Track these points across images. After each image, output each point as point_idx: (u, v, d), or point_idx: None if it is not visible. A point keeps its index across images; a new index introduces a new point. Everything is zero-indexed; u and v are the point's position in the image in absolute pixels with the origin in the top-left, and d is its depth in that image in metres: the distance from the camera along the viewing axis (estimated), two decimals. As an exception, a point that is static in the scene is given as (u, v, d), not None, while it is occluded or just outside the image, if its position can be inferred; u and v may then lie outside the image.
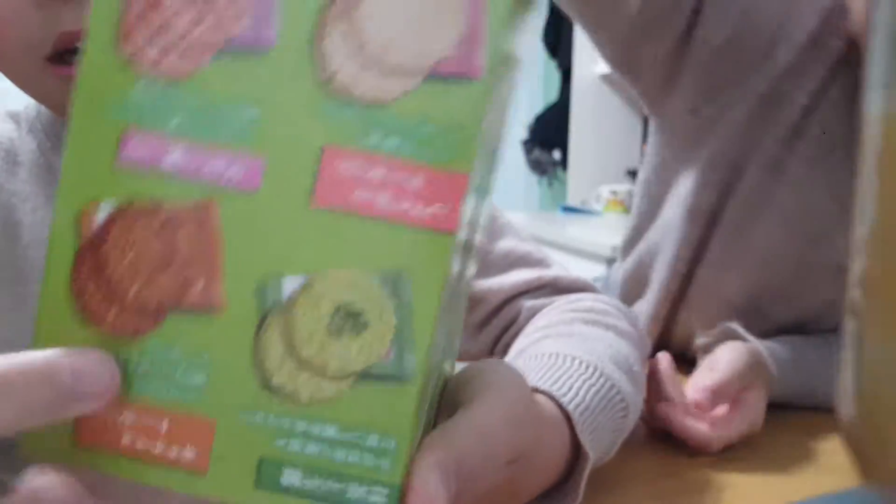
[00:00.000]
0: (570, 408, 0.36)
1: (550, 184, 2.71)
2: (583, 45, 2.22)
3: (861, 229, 0.15)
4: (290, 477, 0.20)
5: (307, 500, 0.20)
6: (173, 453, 0.20)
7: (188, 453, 0.20)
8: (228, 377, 0.20)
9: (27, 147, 0.57)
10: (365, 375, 0.20)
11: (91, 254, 0.20)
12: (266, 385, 0.20)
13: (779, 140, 0.60)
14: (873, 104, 0.15)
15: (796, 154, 0.60)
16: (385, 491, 0.20)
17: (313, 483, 0.20)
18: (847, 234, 0.58)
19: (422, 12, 0.19)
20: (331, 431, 0.20)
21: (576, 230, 1.90)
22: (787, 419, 0.58)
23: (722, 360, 0.55)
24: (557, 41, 2.51)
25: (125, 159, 0.20)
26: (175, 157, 0.20)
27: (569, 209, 2.32)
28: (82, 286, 0.20)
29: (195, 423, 0.20)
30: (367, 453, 0.20)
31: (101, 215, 0.20)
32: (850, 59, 0.56)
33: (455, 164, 0.19)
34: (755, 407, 0.55)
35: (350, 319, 0.20)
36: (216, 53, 0.20)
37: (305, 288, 0.20)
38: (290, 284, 0.20)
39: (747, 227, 0.63)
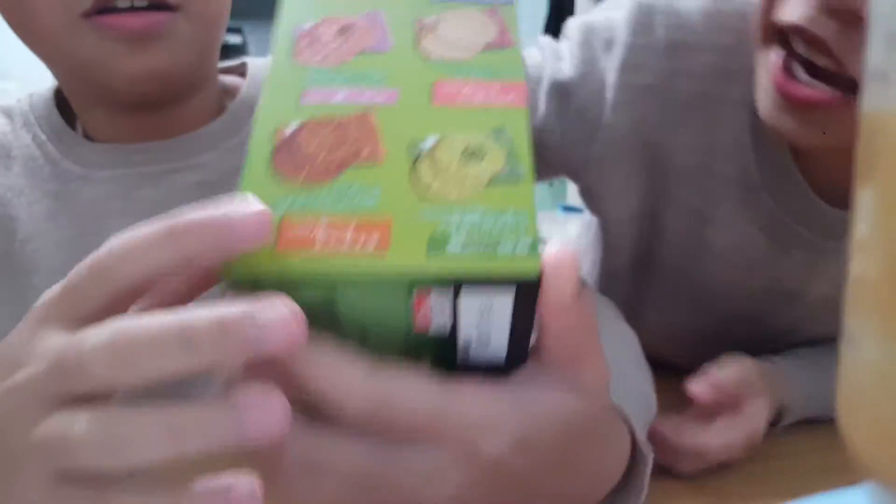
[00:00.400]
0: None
1: (551, 184, 2.72)
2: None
3: (861, 229, 0.15)
4: (454, 245, 0.26)
5: (470, 260, 0.26)
6: (359, 245, 0.26)
7: (371, 243, 0.26)
8: (395, 196, 0.27)
9: (21, 142, 0.57)
10: (492, 181, 0.28)
11: (285, 148, 0.29)
12: (424, 195, 0.28)
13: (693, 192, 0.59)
14: (871, 101, 0.15)
15: (712, 201, 0.58)
16: (528, 240, 0.26)
17: (472, 247, 0.26)
18: (777, 263, 0.60)
19: (470, 28, 0.34)
20: (477, 214, 0.27)
21: (576, 230, 1.90)
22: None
23: (724, 365, 0.54)
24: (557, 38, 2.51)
25: (306, 101, 0.31)
26: (340, 95, 0.31)
27: (569, 209, 2.32)
28: (279, 164, 0.28)
29: (375, 222, 0.27)
30: (507, 223, 0.27)
31: (289, 130, 0.30)
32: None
33: (516, 77, 0.32)
34: (756, 417, 0.52)
35: (475, 152, 0.29)
36: (356, 55, 0.32)
37: (440, 140, 0.29)
38: (430, 140, 0.29)
39: (685, 266, 0.62)
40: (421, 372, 0.27)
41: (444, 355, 0.29)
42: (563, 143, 0.58)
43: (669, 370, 0.55)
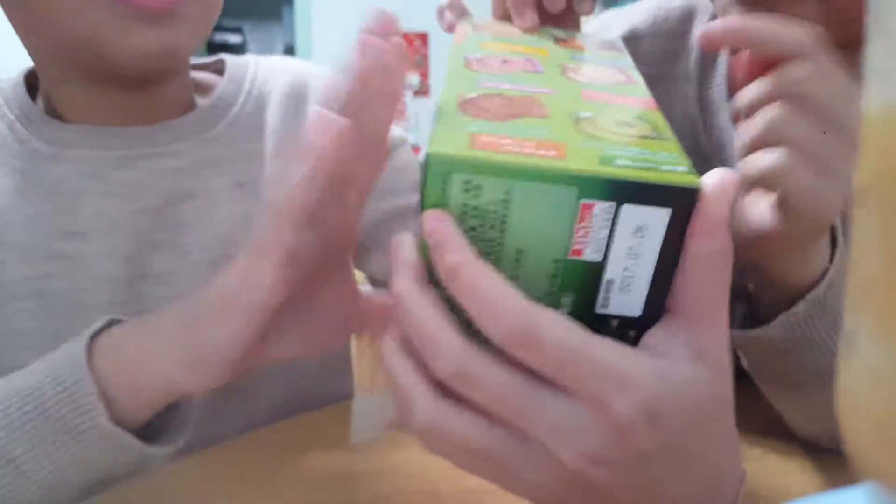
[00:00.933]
0: None
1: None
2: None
3: (861, 228, 0.15)
4: (622, 160, 0.29)
5: (636, 171, 0.28)
6: (539, 153, 0.29)
7: (549, 154, 0.29)
8: (565, 133, 0.31)
9: None
10: (643, 137, 0.32)
11: (468, 104, 0.34)
12: (589, 137, 0.31)
13: None
14: (872, 101, 0.15)
15: None
16: (685, 166, 0.29)
17: (638, 163, 0.29)
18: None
19: (604, 72, 0.42)
20: (636, 150, 0.30)
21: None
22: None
23: None
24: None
25: (481, 85, 0.36)
26: (508, 85, 0.36)
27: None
28: (465, 109, 0.33)
29: (551, 143, 0.30)
30: (663, 156, 0.30)
31: (469, 96, 0.34)
32: None
33: (644, 96, 0.38)
34: None
35: (626, 122, 0.33)
36: (520, 71, 0.39)
37: (596, 114, 0.34)
38: (586, 114, 0.34)
39: None
40: (565, 316, 0.28)
41: (586, 300, 0.30)
42: None
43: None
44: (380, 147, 0.39)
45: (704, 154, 0.63)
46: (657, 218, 0.29)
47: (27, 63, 0.58)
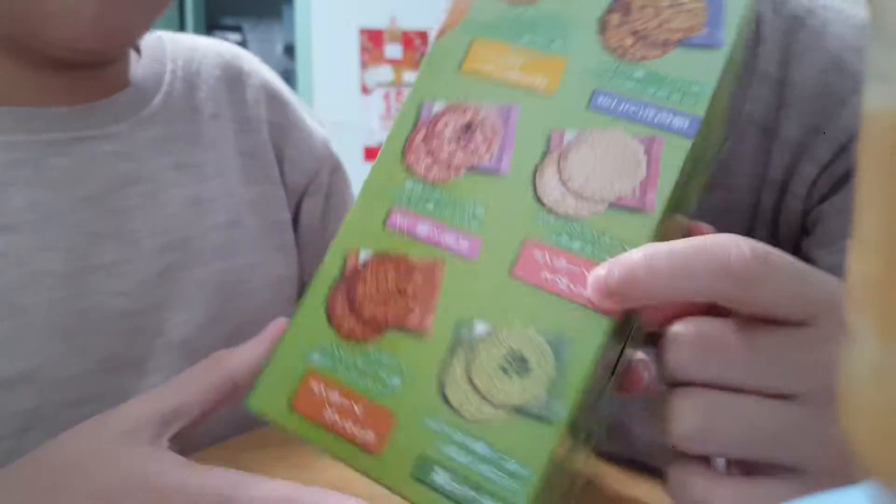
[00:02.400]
0: None
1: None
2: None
3: (861, 227, 0.15)
4: (440, 477, 0.24)
5: (448, 501, 0.24)
6: (359, 433, 0.26)
7: (369, 436, 0.26)
8: (417, 385, 0.26)
9: None
10: (519, 410, 0.25)
11: (347, 282, 0.28)
12: (443, 398, 0.25)
13: None
14: (872, 101, 0.15)
15: None
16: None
17: (456, 487, 0.24)
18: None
19: (610, 166, 0.27)
20: (480, 447, 0.24)
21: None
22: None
23: None
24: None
25: (390, 224, 0.29)
26: (424, 228, 0.29)
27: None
28: (334, 303, 0.28)
29: (382, 412, 0.26)
30: (505, 475, 0.24)
31: (362, 257, 0.29)
32: None
33: None
34: None
35: (518, 363, 0.25)
36: (466, 171, 0.29)
37: (490, 333, 0.26)
38: (480, 328, 0.26)
39: None
40: None
41: None
42: None
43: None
44: None
45: None
46: None
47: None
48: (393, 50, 3.41)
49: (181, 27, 4.01)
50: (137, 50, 0.60)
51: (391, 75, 3.43)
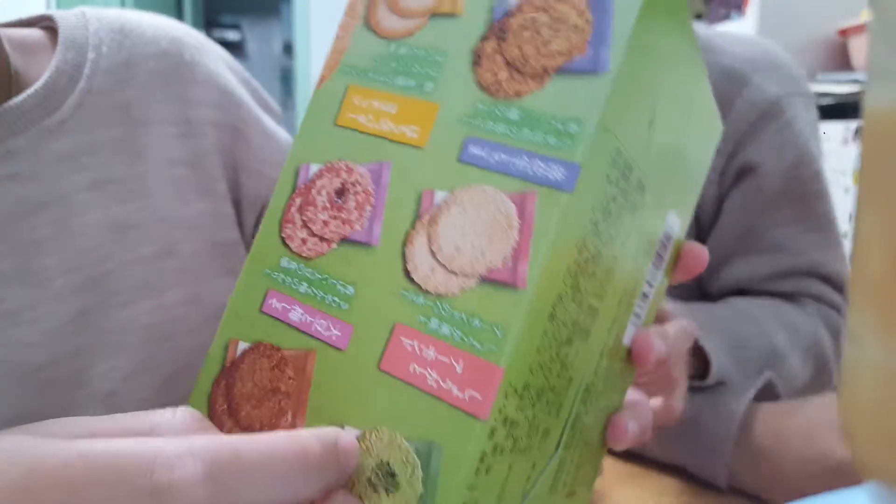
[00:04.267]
0: None
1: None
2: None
3: (863, 226, 0.15)
4: None
5: None
6: None
7: None
8: None
9: None
10: None
11: (227, 376, 0.26)
12: None
13: None
14: (874, 99, 0.15)
15: None
16: None
17: None
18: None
19: (481, 231, 0.24)
20: None
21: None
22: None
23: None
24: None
25: (266, 309, 0.27)
26: (297, 313, 0.26)
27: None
28: (215, 398, 0.26)
29: None
30: None
31: (240, 348, 0.27)
32: None
33: (493, 356, 0.22)
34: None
35: (386, 478, 0.23)
36: (339, 243, 0.26)
37: (360, 440, 0.23)
38: (349, 434, 0.23)
39: None
40: None
41: None
42: None
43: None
44: None
45: None
46: None
47: None
48: (392, 48, 3.41)
49: (180, 25, 4.01)
50: (52, 31, 0.49)
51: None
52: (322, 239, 0.26)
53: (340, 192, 0.27)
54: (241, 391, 0.26)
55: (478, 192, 0.24)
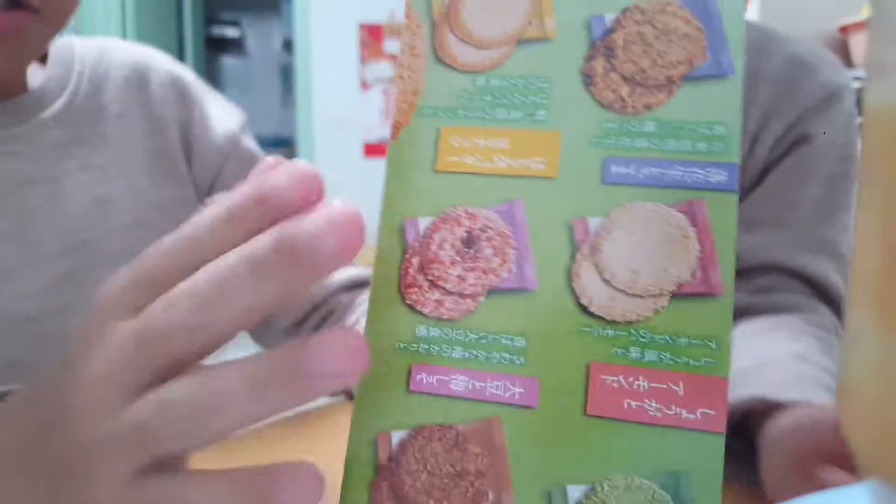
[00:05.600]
0: None
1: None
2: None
3: (863, 224, 0.15)
4: None
5: None
6: None
7: None
8: None
9: None
10: None
11: (389, 475, 0.23)
12: None
13: None
14: (873, 95, 0.15)
15: None
16: None
17: None
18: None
19: (655, 248, 0.23)
20: None
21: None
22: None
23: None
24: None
25: (415, 387, 0.24)
26: (460, 382, 0.24)
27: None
28: (378, 501, 0.23)
29: None
30: None
31: (396, 437, 0.24)
32: None
33: (716, 369, 0.22)
34: None
35: None
36: (486, 296, 0.24)
37: (588, 495, 0.22)
38: (574, 493, 0.22)
39: None
40: None
41: None
42: None
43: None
44: None
45: None
46: None
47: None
48: (392, 45, 3.41)
49: (179, 23, 4.00)
50: (44, 59, 0.60)
51: (391, 71, 3.42)
52: (462, 296, 0.24)
53: (468, 241, 0.25)
54: (416, 487, 0.23)
55: (638, 211, 0.24)
